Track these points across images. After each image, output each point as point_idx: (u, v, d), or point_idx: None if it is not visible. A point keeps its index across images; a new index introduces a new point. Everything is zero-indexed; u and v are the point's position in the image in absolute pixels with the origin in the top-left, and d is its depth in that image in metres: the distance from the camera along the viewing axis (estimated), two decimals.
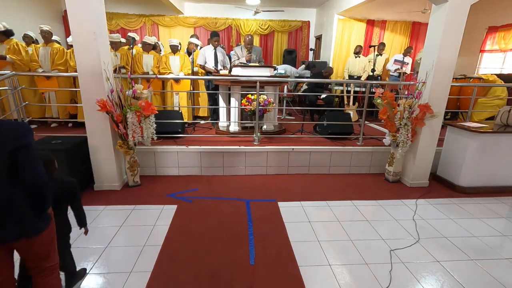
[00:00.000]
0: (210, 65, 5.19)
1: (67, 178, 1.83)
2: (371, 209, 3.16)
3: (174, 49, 5.14)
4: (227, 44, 9.04)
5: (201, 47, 5.83)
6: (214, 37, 5.11)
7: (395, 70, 6.54)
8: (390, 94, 3.60)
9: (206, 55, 5.19)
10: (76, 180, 1.84)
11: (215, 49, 5.16)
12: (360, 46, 6.82)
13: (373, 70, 5.77)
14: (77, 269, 1.99)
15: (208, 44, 5.35)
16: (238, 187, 3.59)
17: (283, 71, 6.94)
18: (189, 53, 5.64)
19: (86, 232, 1.94)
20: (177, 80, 5.07)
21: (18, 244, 1.34)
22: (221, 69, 5.15)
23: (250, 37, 4.74)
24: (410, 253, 2.42)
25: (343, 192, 3.55)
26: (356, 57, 6.77)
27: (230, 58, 5.69)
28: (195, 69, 5.23)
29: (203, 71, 5.40)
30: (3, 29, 4.55)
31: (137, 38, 5.50)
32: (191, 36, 6.08)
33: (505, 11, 6.64)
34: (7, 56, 4.43)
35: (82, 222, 1.90)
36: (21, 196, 1.28)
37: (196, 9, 8.94)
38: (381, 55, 6.64)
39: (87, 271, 2.10)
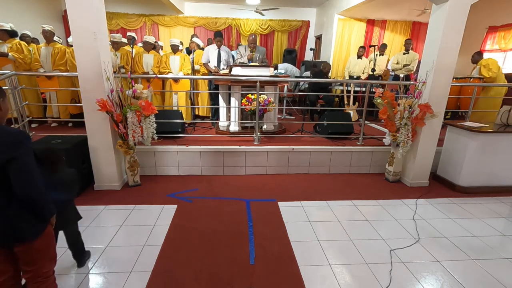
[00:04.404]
0: (213, 64, 5.20)
1: (68, 170, 1.96)
2: (371, 209, 3.16)
3: (175, 49, 5.14)
4: (227, 44, 9.04)
5: (202, 48, 5.84)
6: (217, 37, 5.13)
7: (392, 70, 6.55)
8: (390, 94, 3.60)
9: (210, 54, 5.20)
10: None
11: (218, 48, 5.17)
12: (363, 47, 6.69)
13: (373, 70, 5.76)
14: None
15: (209, 43, 5.35)
16: (238, 187, 3.59)
17: (283, 71, 6.94)
18: (188, 52, 5.65)
19: None
20: (176, 80, 5.07)
21: (16, 248, 1.34)
22: (223, 69, 5.16)
23: (253, 36, 4.76)
24: (410, 253, 2.42)
25: (343, 192, 3.55)
26: (358, 57, 6.75)
27: (233, 57, 5.71)
28: (197, 67, 5.25)
29: (205, 70, 5.42)
30: (9, 28, 4.58)
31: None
32: (192, 36, 6.10)
33: (505, 11, 6.64)
34: (9, 54, 4.43)
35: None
36: (14, 205, 1.26)
37: (196, 8, 8.94)
38: (382, 55, 6.63)
39: (88, 271, 2.10)
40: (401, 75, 6.30)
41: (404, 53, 6.30)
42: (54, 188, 1.46)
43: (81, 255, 2.15)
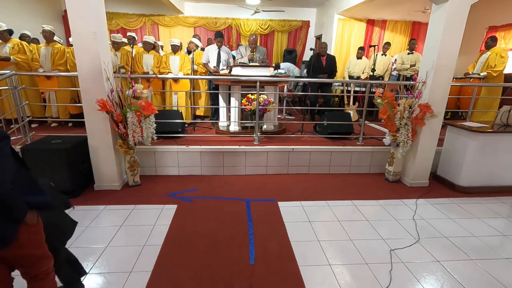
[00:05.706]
0: (212, 64, 5.21)
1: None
2: (371, 209, 3.16)
3: (175, 49, 5.14)
4: (227, 44, 9.04)
5: (201, 48, 5.85)
6: (217, 37, 5.14)
7: (394, 69, 6.54)
8: (390, 94, 3.60)
9: (210, 54, 5.21)
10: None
11: (219, 49, 5.17)
12: (362, 49, 6.62)
13: (373, 70, 5.75)
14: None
15: (209, 43, 5.35)
16: (238, 187, 3.59)
17: (283, 71, 6.94)
18: (189, 52, 5.65)
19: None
20: (176, 80, 5.08)
21: (9, 252, 1.30)
22: (223, 69, 5.16)
23: (254, 36, 4.76)
24: (410, 253, 2.42)
25: (343, 192, 3.55)
26: (357, 58, 6.73)
27: (234, 57, 5.71)
28: (195, 67, 5.25)
29: (203, 70, 5.41)
30: (7, 28, 4.59)
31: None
32: (193, 36, 6.10)
33: (505, 11, 6.64)
34: (11, 57, 4.43)
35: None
36: None
37: (196, 8, 8.94)
38: (385, 55, 6.61)
39: (88, 271, 2.10)
40: (407, 75, 6.27)
41: (409, 53, 6.28)
42: (31, 190, 1.35)
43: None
